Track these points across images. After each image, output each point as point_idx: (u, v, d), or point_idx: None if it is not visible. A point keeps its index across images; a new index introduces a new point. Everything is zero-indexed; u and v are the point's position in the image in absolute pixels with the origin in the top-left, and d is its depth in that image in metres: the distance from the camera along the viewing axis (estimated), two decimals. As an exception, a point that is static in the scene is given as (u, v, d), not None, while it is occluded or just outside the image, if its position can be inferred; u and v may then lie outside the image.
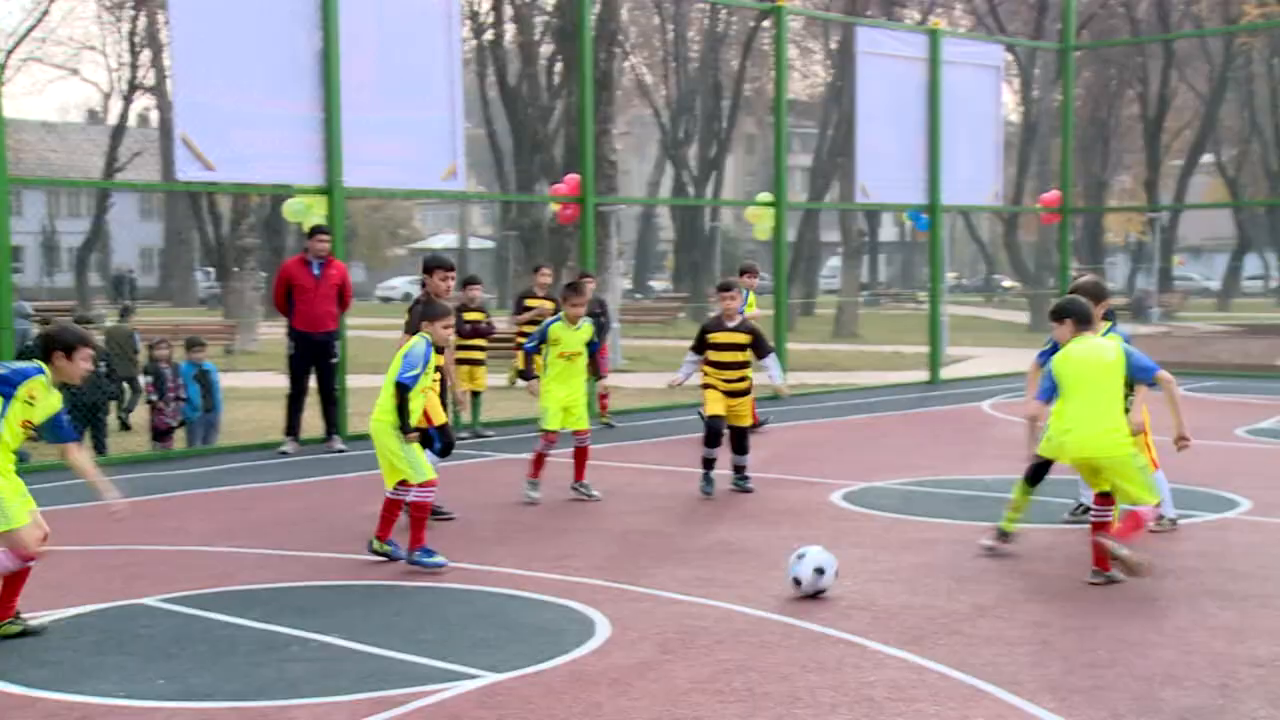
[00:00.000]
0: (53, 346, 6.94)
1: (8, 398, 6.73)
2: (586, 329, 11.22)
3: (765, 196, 20.19)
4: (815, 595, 7.63)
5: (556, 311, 15.97)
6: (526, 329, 15.81)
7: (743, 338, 11.03)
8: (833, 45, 49.50)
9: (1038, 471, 8.54)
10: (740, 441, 11.31)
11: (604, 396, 16.55)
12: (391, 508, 8.69)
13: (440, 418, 9.54)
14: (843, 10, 37.49)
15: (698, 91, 51.81)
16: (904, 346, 31.11)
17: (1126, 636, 6.83)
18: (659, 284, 70.19)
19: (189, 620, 7.34)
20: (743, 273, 15.84)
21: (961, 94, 22.18)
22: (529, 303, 15.92)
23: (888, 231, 77.35)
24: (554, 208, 19.64)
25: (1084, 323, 8.19)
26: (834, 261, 62.12)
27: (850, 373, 25.20)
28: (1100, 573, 7.99)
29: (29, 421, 6.79)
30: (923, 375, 22.80)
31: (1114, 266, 69.38)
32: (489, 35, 41.29)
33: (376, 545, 8.72)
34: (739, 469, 11.40)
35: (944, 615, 7.28)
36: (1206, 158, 57.45)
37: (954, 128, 21.97)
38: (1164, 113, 53.62)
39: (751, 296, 16.34)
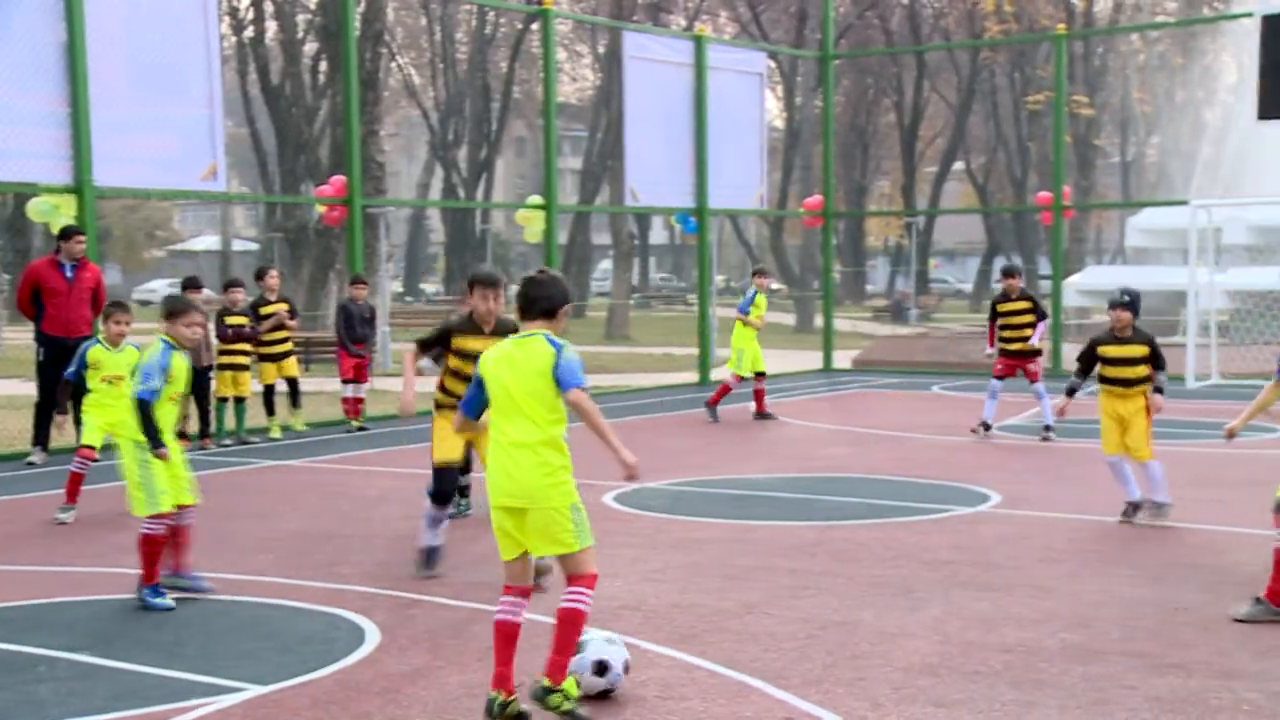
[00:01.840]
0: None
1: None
2: (131, 353, 9.72)
3: (536, 199, 20.20)
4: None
5: (292, 313, 15.73)
6: (268, 337, 15.47)
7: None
8: (601, 49, 49.89)
9: None
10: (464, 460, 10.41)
11: (358, 401, 16.32)
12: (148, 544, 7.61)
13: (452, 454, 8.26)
14: (610, 15, 37.78)
15: (467, 93, 51.54)
16: (675, 348, 31.55)
17: (886, 629, 7.05)
18: (430, 287, 69.59)
19: (-74, 644, 6.91)
20: (755, 274, 16.99)
21: (726, 100, 22.62)
22: (263, 310, 15.52)
23: (658, 234, 78.37)
24: (320, 209, 19.24)
25: None
26: (605, 264, 62.66)
27: (622, 374, 25.42)
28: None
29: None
30: (693, 377, 23.16)
31: (874, 269, 71.90)
32: (249, 32, 40.22)
33: (152, 597, 7.61)
34: (461, 489, 10.27)
35: (713, 613, 7.39)
36: (958, 165, 60.02)
37: (720, 133, 22.39)
38: (918, 121, 55.87)
39: (761, 297, 16.95)
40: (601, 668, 5.85)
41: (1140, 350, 9.86)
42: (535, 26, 41.51)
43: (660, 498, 11.24)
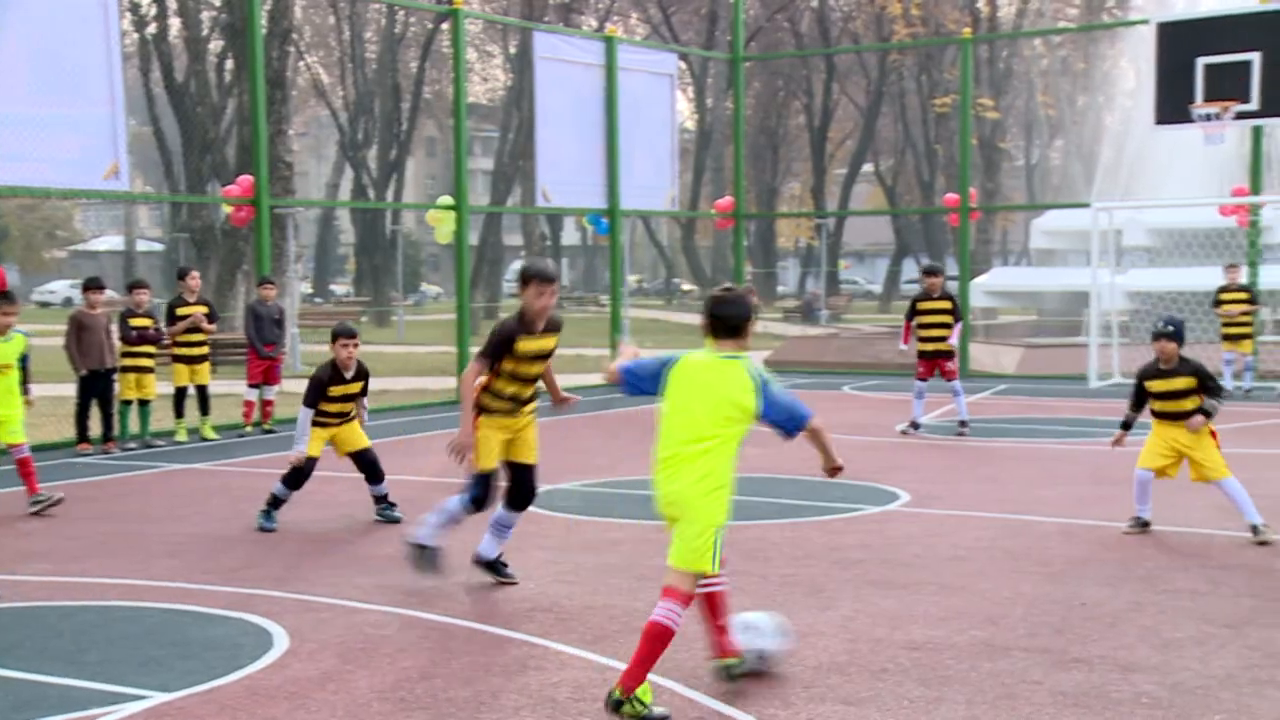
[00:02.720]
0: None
1: None
2: (19, 340, 10.77)
3: (446, 200, 20.09)
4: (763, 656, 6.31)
5: (211, 317, 15.53)
6: (185, 339, 15.25)
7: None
8: (512, 50, 49.73)
9: None
10: (372, 469, 10.35)
11: (268, 403, 16.13)
12: None
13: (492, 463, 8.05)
14: (520, 15, 37.69)
15: (376, 93, 51.12)
16: (587, 349, 31.52)
17: (797, 627, 7.10)
18: (340, 288, 68.94)
19: None
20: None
21: (638, 101, 22.66)
22: (180, 311, 15.31)
23: (570, 235, 78.32)
24: (227, 209, 18.97)
25: None
26: (517, 265, 62.46)
27: (533, 376, 25.30)
28: None
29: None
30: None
31: (786, 270, 72.43)
32: (152, 29, 39.54)
33: None
34: (380, 498, 10.43)
35: (626, 614, 7.39)
36: (867, 167, 60.70)
37: (631, 134, 22.42)
38: (828, 124, 56.36)
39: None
40: (762, 657, 6.18)
41: (1188, 382, 9.32)
42: (445, 26, 41.28)
43: (571, 499, 11.23)
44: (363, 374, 10.28)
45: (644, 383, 5.97)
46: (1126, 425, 9.78)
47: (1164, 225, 29.02)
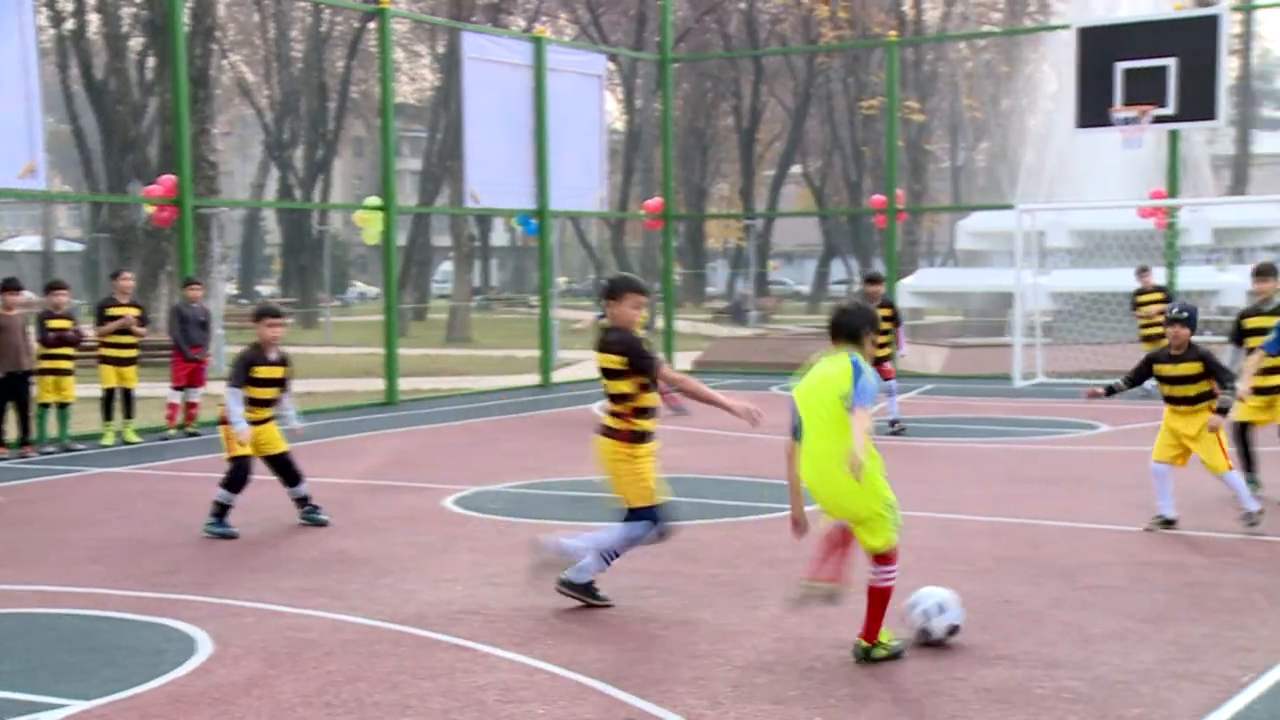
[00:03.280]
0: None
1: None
2: None
3: (374, 200, 19.95)
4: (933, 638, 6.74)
5: (142, 319, 15.31)
6: (112, 340, 15.04)
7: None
8: (440, 50, 49.49)
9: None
10: (288, 471, 10.23)
11: (192, 405, 15.94)
12: None
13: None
14: (448, 15, 37.51)
15: (302, 92, 50.63)
16: (516, 350, 31.44)
17: (726, 627, 7.12)
18: (267, 289, 68.20)
19: None
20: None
21: (567, 102, 22.62)
22: (111, 311, 15.09)
23: (499, 236, 78.08)
24: (149, 210, 18.70)
25: None
26: (446, 266, 62.17)
27: (463, 377, 25.25)
28: None
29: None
30: (535, 379, 23.10)
31: (714, 271, 72.65)
32: (70, 25, 38.90)
33: None
34: (301, 500, 10.30)
35: (554, 616, 7.38)
36: (795, 168, 61.04)
37: (560, 135, 22.38)
38: (756, 125, 56.63)
39: None
40: (953, 630, 6.75)
41: (1195, 368, 9.45)
42: (372, 25, 40.99)
43: (501, 500, 11.19)
44: (286, 360, 10.19)
45: (794, 425, 6.56)
46: (1111, 390, 9.95)
47: (1086, 227, 29.46)
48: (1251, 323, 10.86)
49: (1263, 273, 11.04)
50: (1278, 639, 6.74)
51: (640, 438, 7.42)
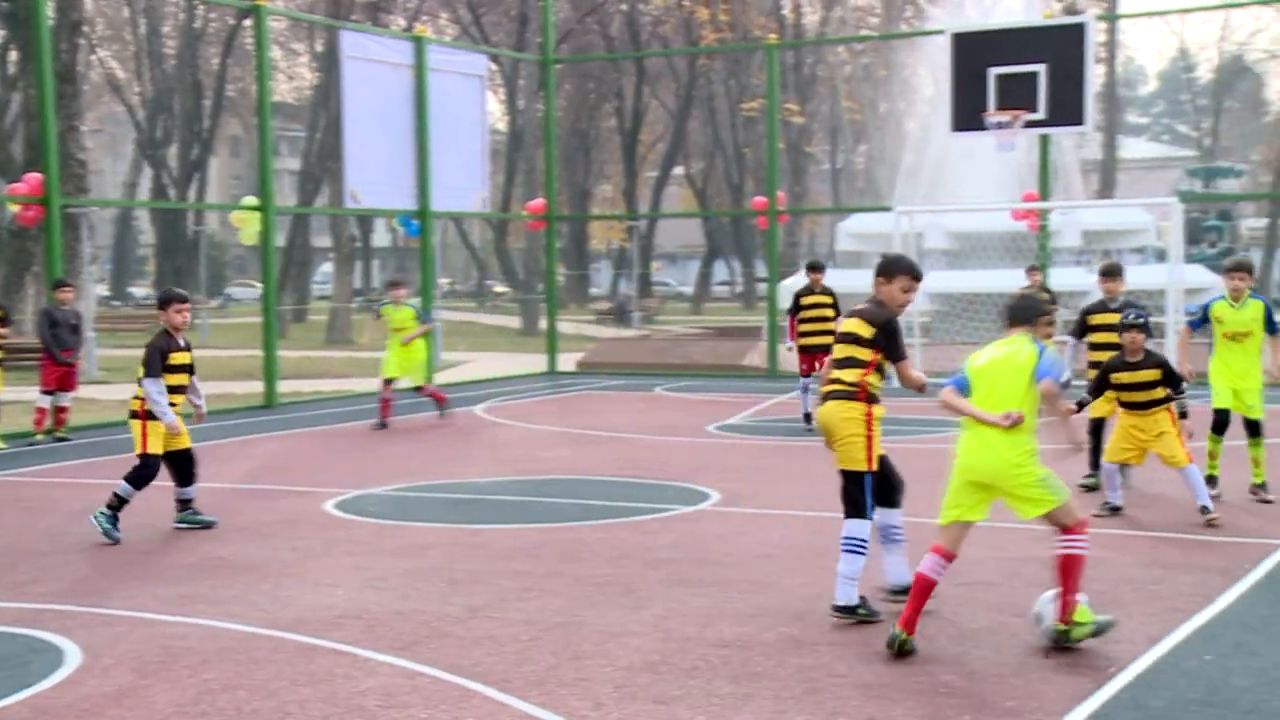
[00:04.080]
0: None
1: None
2: None
3: (251, 200, 19.62)
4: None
5: (5, 320, 14.89)
6: None
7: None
8: (318, 48, 48.83)
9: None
10: (186, 469, 10.04)
11: (62, 410, 15.54)
12: None
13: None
14: (327, 13, 37.04)
15: (176, 90, 49.63)
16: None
17: (609, 628, 7.12)
18: (140, 290, 66.73)
19: None
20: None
21: (448, 102, 22.46)
22: None
23: (381, 237, 77.31)
24: (13, 209, 18.17)
25: None
26: (327, 267, 61.37)
27: (344, 379, 24.93)
28: None
29: None
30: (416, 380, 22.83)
31: (599, 272, 72.71)
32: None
33: None
34: (185, 503, 10.10)
35: (437, 619, 7.31)
36: (678, 170, 61.34)
37: (442, 135, 22.22)
38: (639, 126, 56.80)
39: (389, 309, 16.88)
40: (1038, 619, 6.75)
41: (1153, 374, 9.66)
42: (248, 23, 40.32)
43: (381, 504, 11.07)
44: (189, 345, 10.05)
45: (961, 387, 6.82)
46: (1081, 405, 9.98)
47: (962, 229, 29.99)
48: (1096, 319, 11.29)
49: (1112, 273, 11.45)
50: (1142, 632, 6.92)
51: (873, 400, 7.70)
